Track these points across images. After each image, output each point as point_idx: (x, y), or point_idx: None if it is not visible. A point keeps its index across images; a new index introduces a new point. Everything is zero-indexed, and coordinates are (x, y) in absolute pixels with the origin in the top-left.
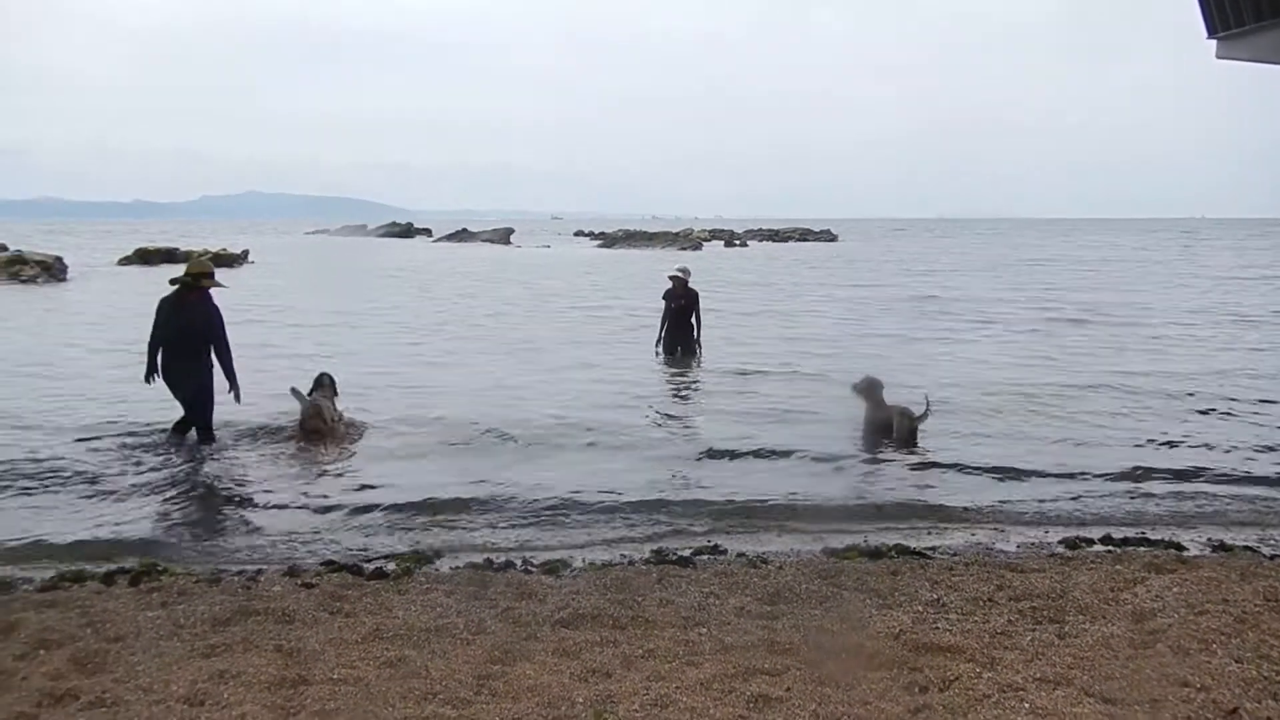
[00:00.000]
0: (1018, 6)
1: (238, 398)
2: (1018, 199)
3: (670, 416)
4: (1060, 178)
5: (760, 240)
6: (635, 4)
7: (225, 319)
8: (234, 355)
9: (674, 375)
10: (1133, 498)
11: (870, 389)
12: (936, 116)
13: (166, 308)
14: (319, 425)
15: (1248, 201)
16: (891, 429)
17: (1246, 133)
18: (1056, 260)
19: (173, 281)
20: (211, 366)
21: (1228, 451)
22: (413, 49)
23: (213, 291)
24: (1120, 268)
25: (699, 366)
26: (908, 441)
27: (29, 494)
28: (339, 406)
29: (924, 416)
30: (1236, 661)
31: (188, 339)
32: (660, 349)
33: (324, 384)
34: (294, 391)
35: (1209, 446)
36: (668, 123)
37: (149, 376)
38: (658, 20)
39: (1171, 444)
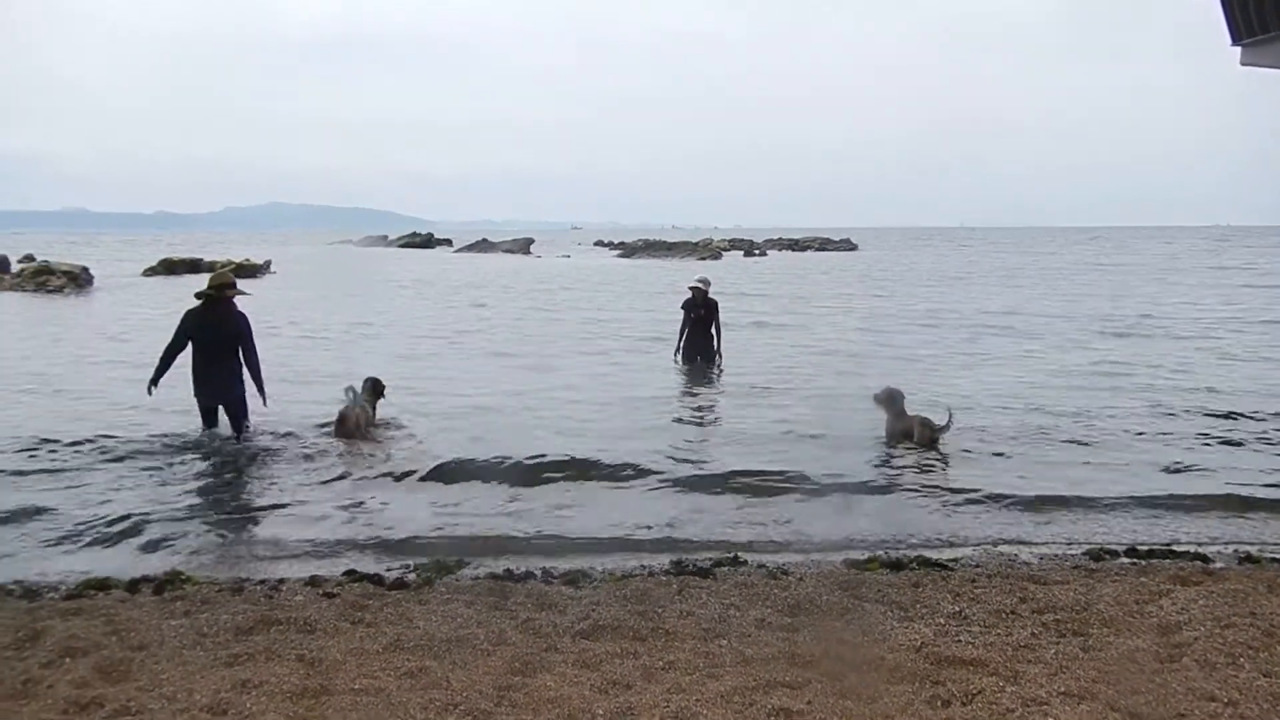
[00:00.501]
0: (1024, 8)
1: (264, 402)
2: (1039, 206)
3: (687, 439)
4: (1080, 185)
5: (780, 249)
6: (653, 10)
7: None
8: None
9: (691, 391)
10: (1157, 510)
11: (891, 399)
12: (956, 123)
13: (193, 319)
14: (349, 430)
15: (1272, 209)
16: (913, 437)
17: (1270, 138)
18: (1079, 269)
19: (198, 295)
20: (242, 373)
21: (1254, 467)
22: (436, 57)
23: (237, 300)
24: (1145, 274)
25: (719, 376)
26: (928, 450)
27: (53, 504)
28: (377, 411)
29: (946, 427)
30: (1265, 676)
31: (218, 348)
32: (679, 357)
33: (367, 388)
34: (348, 390)
35: (1234, 461)
36: (687, 130)
37: (152, 386)
38: (680, 24)
39: (1195, 457)
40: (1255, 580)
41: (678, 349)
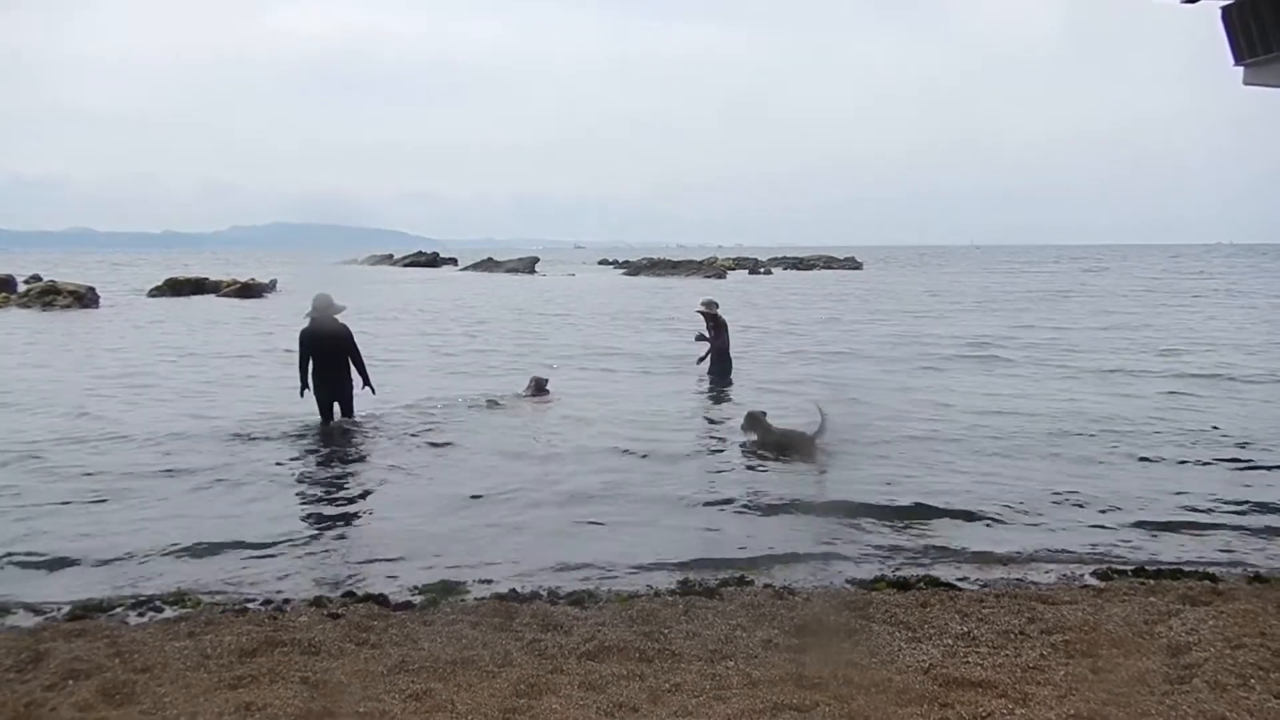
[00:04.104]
0: (1032, 30)
1: (373, 391)
2: (1047, 225)
3: (692, 460)
4: (1088, 203)
5: (784, 268)
6: (659, 32)
7: (239, 348)
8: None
9: (699, 411)
10: (1165, 529)
11: (754, 423)
12: (963, 142)
13: (307, 335)
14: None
15: (1274, 226)
16: (789, 449)
17: (1270, 154)
18: (1084, 291)
19: (307, 315)
20: (350, 374)
21: (1262, 482)
22: (444, 81)
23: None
24: (1152, 299)
25: (730, 387)
26: (814, 457)
27: (56, 522)
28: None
29: (820, 431)
30: (1276, 697)
31: (331, 356)
32: (706, 370)
33: (532, 386)
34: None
35: (1244, 481)
36: (691, 150)
37: (302, 391)
38: (687, 46)
39: (1204, 479)
40: (1265, 600)
41: (700, 360)
